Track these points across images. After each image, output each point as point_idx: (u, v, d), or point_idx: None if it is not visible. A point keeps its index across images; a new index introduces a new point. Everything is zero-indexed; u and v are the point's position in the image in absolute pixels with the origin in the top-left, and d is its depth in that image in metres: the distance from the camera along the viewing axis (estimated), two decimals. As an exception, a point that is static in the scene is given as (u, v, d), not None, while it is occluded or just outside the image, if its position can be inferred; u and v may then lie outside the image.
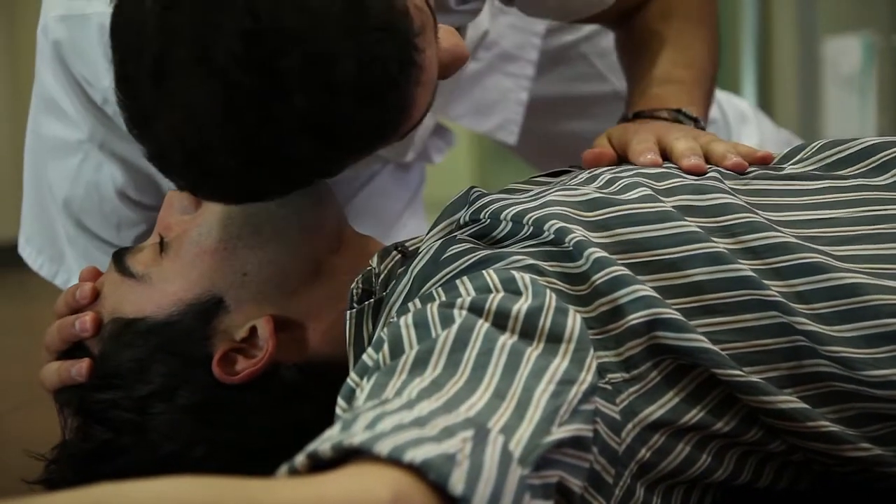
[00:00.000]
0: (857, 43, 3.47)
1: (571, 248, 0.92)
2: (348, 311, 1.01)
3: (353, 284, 1.02)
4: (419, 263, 0.98)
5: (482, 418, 0.71)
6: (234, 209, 1.03)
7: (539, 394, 0.75)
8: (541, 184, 1.08)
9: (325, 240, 1.06)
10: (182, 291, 1.02)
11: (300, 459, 0.68)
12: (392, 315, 0.96)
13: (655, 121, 1.23)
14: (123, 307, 1.04)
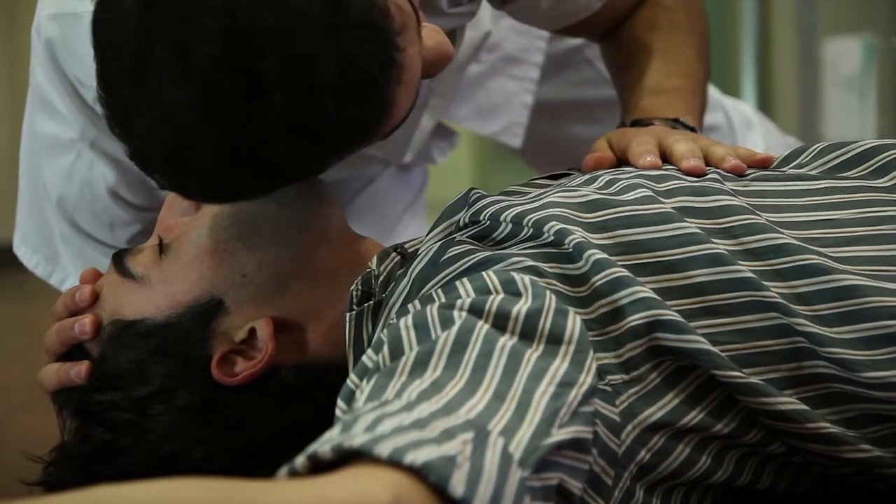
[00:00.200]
0: (856, 44, 3.47)
1: (571, 250, 0.92)
2: (348, 312, 1.01)
3: (353, 286, 1.02)
4: (419, 265, 0.98)
5: (482, 420, 0.71)
6: (234, 211, 1.03)
7: (539, 395, 0.75)
8: (540, 186, 1.08)
9: (326, 241, 1.06)
10: (181, 293, 1.02)
11: (300, 461, 0.68)
12: (392, 317, 0.96)
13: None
14: (123, 309, 1.04)
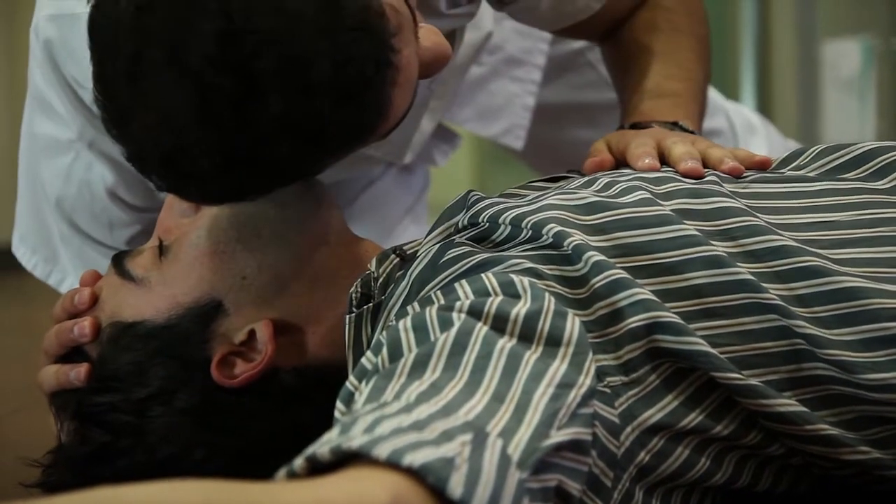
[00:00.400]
0: (856, 46, 3.47)
1: (570, 252, 0.92)
2: (347, 314, 1.01)
3: (352, 288, 1.02)
4: (418, 267, 0.98)
5: (481, 422, 0.71)
6: (233, 212, 1.03)
7: (538, 397, 0.75)
8: (539, 188, 1.08)
9: (325, 243, 1.06)
10: (181, 295, 1.02)
11: (299, 462, 0.68)
12: (391, 319, 0.96)
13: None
14: (122, 311, 1.04)
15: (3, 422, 1.64)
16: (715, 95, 1.91)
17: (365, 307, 1.01)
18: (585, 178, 1.06)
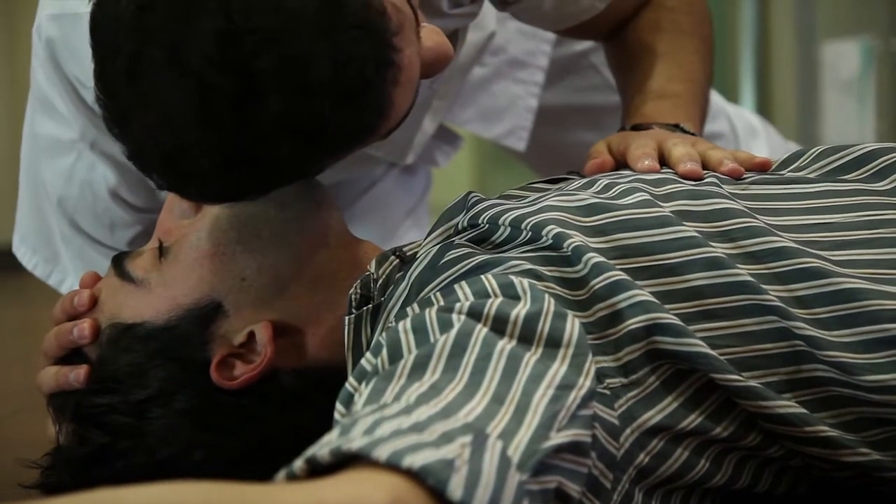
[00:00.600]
0: (855, 47, 3.47)
1: (570, 253, 0.92)
2: (347, 316, 1.01)
3: (352, 290, 1.02)
4: (417, 268, 0.98)
5: (481, 423, 0.71)
6: (233, 214, 1.03)
7: (538, 399, 0.75)
8: (539, 190, 1.08)
9: (325, 245, 1.06)
10: (181, 296, 1.02)
11: (298, 464, 0.68)
12: (390, 320, 0.96)
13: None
14: (122, 312, 1.04)
15: (3, 423, 1.64)
16: (717, 98, 1.91)
17: (364, 308, 1.01)
18: (585, 180, 1.06)
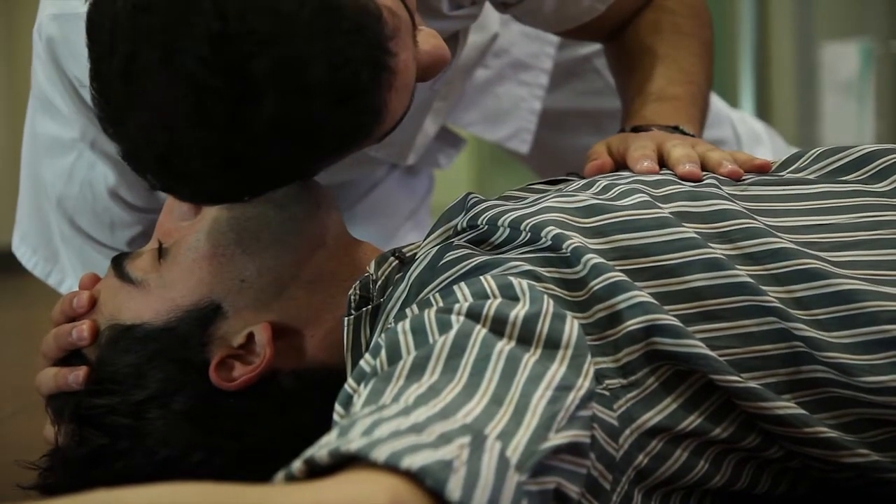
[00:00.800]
0: (854, 49, 3.47)
1: (569, 254, 0.92)
2: (346, 317, 1.01)
3: (351, 291, 1.02)
4: (416, 269, 0.98)
5: (479, 424, 0.71)
6: (233, 215, 1.03)
7: (536, 400, 0.75)
8: (538, 191, 1.08)
9: (324, 246, 1.06)
10: (180, 297, 1.02)
11: (297, 465, 0.68)
12: (389, 321, 0.96)
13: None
14: (121, 313, 1.04)
15: (2, 424, 1.64)
16: (721, 105, 1.91)
17: (363, 309, 1.01)
18: (585, 181, 1.06)
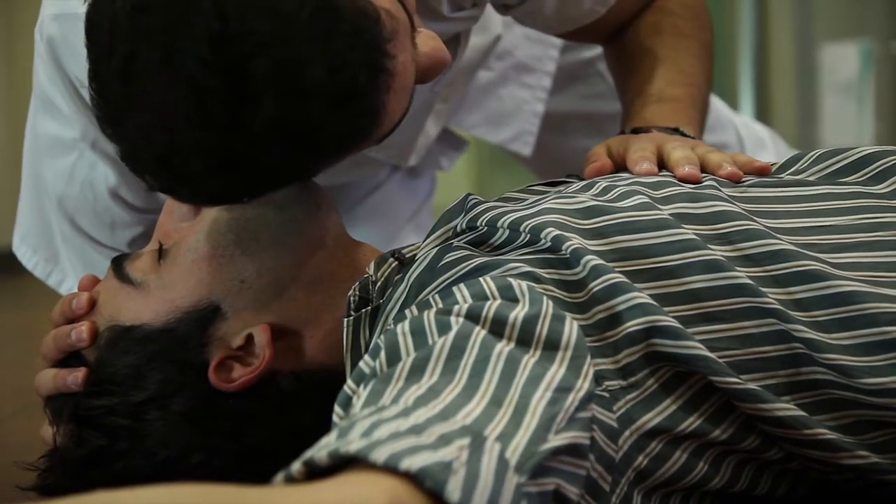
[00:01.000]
0: (854, 50, 3.47)
1: (568, 256, 0.92)
2: (345, 318, 1.01)
3: (350, 292, 1.02)
4: (416, 271, 0.98)
5: (479, 426, 0.71)
6: (232, 217, 1.03)
7: (536, 401, 0.75)
8: (537, 192, 1.08)
9: (323, 248, 1.06)
10: (179, 298, 1.02)
11: (296, 467, 0.67)
12: (389, 322, 0.96)
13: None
14: (121, 314, 1.04)
15: (2, 424, 1.64)
16: (724, 110, 1.91)
17: (363, 310, 1.01)
18: (584, 183, 1.06)
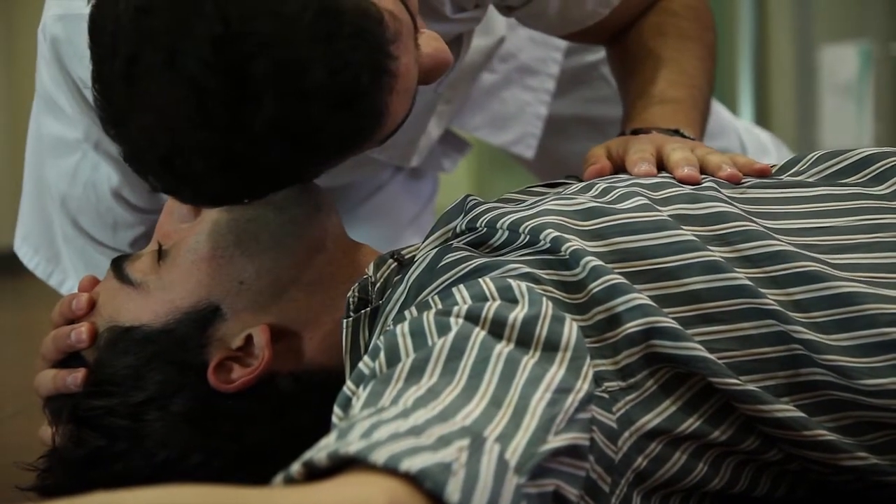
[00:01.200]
0: (853, 51, 3.47)
1: (568, 257, 0.92)
2: (345, 319, 1.01)
3: (350, 293, 1.02)
4: (415, 271, 0.98)
5: (478, 427, 0.71)
6: (232, 218, 1.03)
7: (535, 402, 0.75)
8: (537, 193, 1.08)
9: (323, 249, 1.06)
10: (179, 299, 1.02)
11: (296, 468, 0.67)
12: (388, 323, 0.96)
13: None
14: (120, 315, 1.04)
15: (1, 425, 1.65)
16: (727, 115, 1.91)
17: (362, 311, 1.01)
18: (583, 184, 1.06)
